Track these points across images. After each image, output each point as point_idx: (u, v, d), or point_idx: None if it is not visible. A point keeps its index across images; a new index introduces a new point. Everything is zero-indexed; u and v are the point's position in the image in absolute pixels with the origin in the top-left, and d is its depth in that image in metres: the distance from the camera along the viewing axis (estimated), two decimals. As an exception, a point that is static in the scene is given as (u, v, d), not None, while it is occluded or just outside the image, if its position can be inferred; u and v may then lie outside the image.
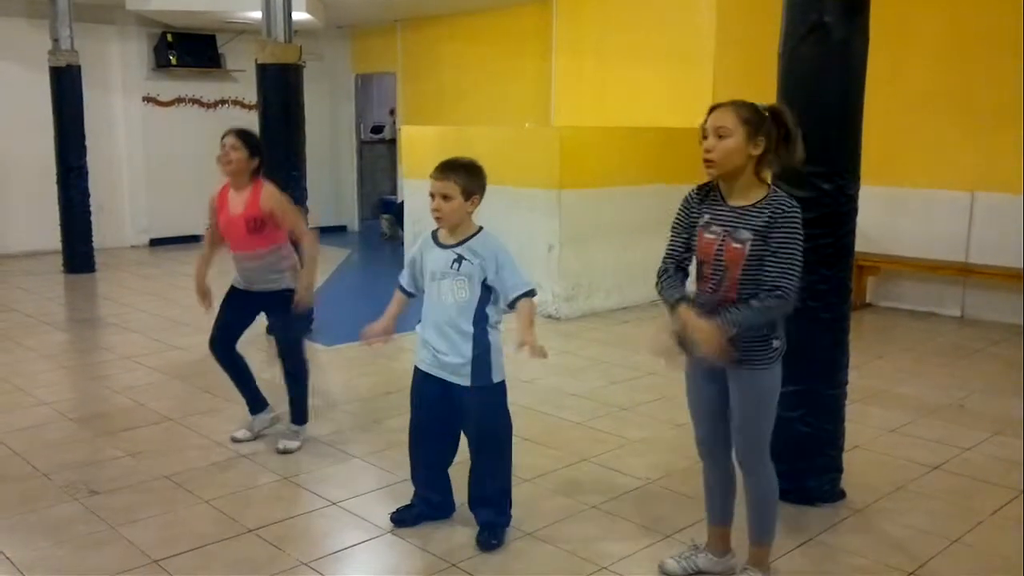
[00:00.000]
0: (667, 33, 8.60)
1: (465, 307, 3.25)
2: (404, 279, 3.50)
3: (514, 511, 3.55)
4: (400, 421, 4.77)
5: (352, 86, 13.18)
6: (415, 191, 8.71)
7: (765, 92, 4.15)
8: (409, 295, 3.52)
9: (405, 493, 3.83)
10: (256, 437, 4.45)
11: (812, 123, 3.53)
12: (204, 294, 4.42)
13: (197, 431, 4.62)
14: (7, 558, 3.24)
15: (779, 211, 2.67)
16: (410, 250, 3.44)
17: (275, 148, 6.60)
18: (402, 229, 9.10)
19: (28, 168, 10.32)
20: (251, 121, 7.56)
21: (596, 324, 7.19)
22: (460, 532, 3.46)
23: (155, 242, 11.44)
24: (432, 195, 3.23)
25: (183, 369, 5.75)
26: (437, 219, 3.25)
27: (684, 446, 4.45)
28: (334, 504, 3.73)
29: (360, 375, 5.76)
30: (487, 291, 3.27)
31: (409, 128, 9.67)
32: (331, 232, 12.53)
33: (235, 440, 4.43)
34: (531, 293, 3.31)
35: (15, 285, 8.76)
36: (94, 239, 9.65)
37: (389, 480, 3.97)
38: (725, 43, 8.17)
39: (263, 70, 6.60)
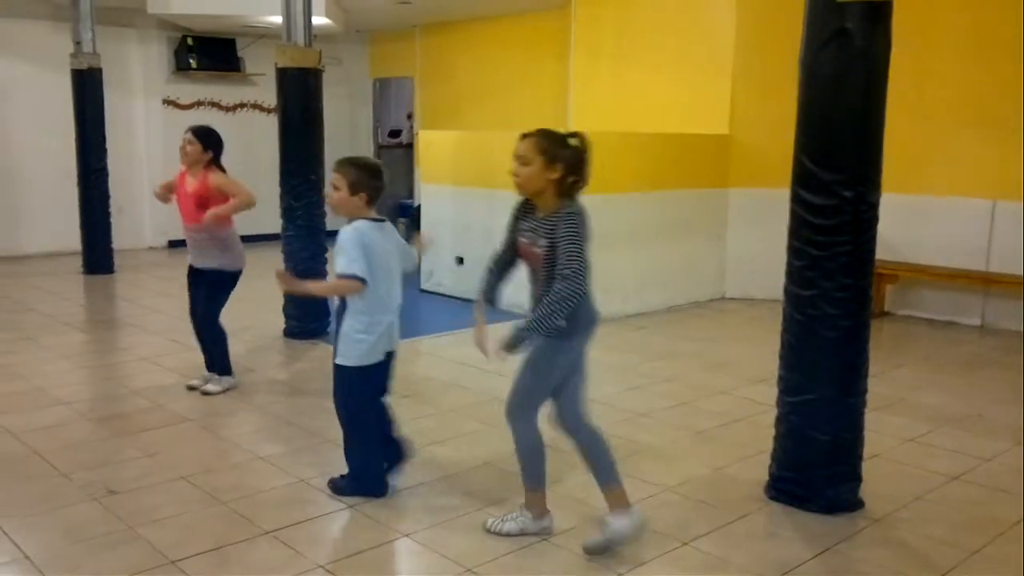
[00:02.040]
0: (685, 39, 8.59)
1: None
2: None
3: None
4: (416, 425, 4.79)
5: (370, 90, 13.24)
6: (432, 195, 8.73)
7: (785, 98, 4.14)
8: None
9: (422, 497, 3.85)
10: (206, 383, 5.30)
11: (833, 130, 3.54)
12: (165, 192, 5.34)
13: (214, 432, 4.64)
14: (26, 556, 3.26)
15: (562, 219, 3.10)
16: None
17: (294, 152, 6.66)
18: (418, 232, 9.11)
19: (49, 170, 10.41)
20: (270, 125, 7.61)
21: (612, 330, 7.17)
22: (477, 537, 3.46)
23: (173, 243, 11.50)
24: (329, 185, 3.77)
25: (200, 370, 5.75)
26: (329, 206, 3.88)
27: (701, 453, 4.45)
28: (351, 507, 3.73)
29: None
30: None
31: (426, 133, 9.69)
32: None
33: (190, 388, 5.28)
34: (343, 275, 3.57)
35: (35, 285, 8.83)
36: (113, 240, 9.73)
37: (405, 483, 3.98)
38: (744, 49, 8.15)
39: (283, 74, 6.63)
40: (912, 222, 7.53)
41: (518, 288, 3.43)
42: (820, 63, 3.50)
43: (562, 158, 3.13)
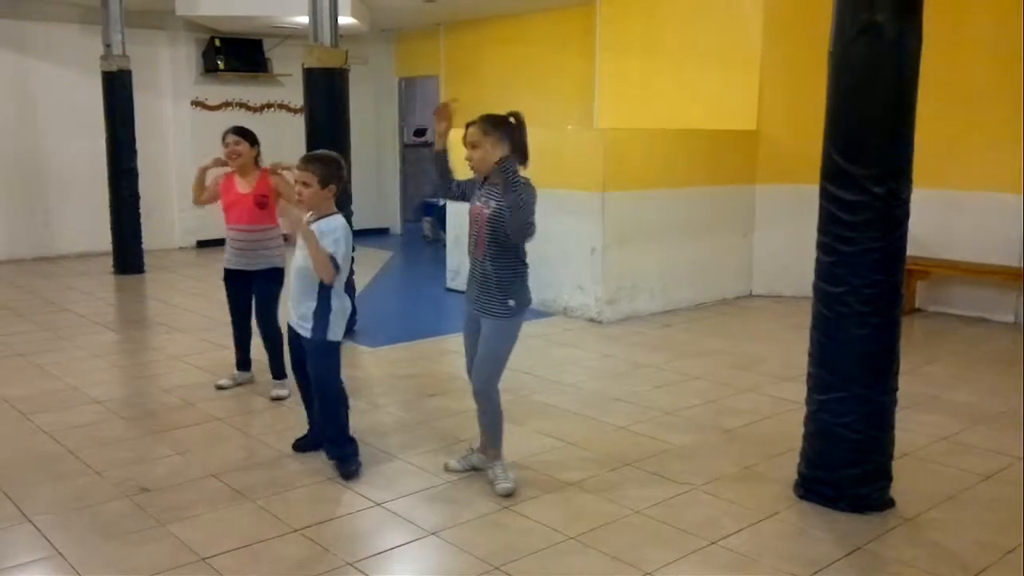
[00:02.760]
0: (712, 34, 8.53)
1: (304, 272, 3.91)
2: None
3: (557, 515, 3.55)
4: (444, 423, 4.81)
5: (396, 89, 13.27)
6: (458, 194, 8.71)
7: (814, 93, 4.11)
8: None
9: (449, 496, 3.86)
10: (236, 385, 5.35)
11: (863, 124, 3.50)
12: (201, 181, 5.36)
13: (244, 431, 4.68)
14: (59, 553, 3.30)
15: (506, 181, 3.59)
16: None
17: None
18: (444, 232, 9.14)
19: (80, 171, 10.55)
20: (297, 125, 7.66)
21: (640, 327, 7.15)
22: (502, 535, 3.46)
23: (202, 244, 11.62)
24: (296, 182, 3.93)
25: (230, 369, 5.81)
26: (299, 203, 3.97)
27: (730, 451, 4.42)
28: (378, 505, 3.75)
29: (403, 377, 5.79)
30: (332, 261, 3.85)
31: (452, 131, 9.69)
32: (374, 234, 12.63)
33: (219, 387, 5.29)
34: (333, 257, 3.86)
35: (68, 285, 8.95)
36: (143, 240, 9.84)
37: (433, 482, 3.99)
38: (772, 43, 8.08)
39: (309, 74, 6.67)
40: (944, 217, 7.43)
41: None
42: (850, 57, 3.46)
43: (508, 136, 3.63)
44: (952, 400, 5.26)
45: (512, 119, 3.67)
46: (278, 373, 5.24)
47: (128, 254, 9.70)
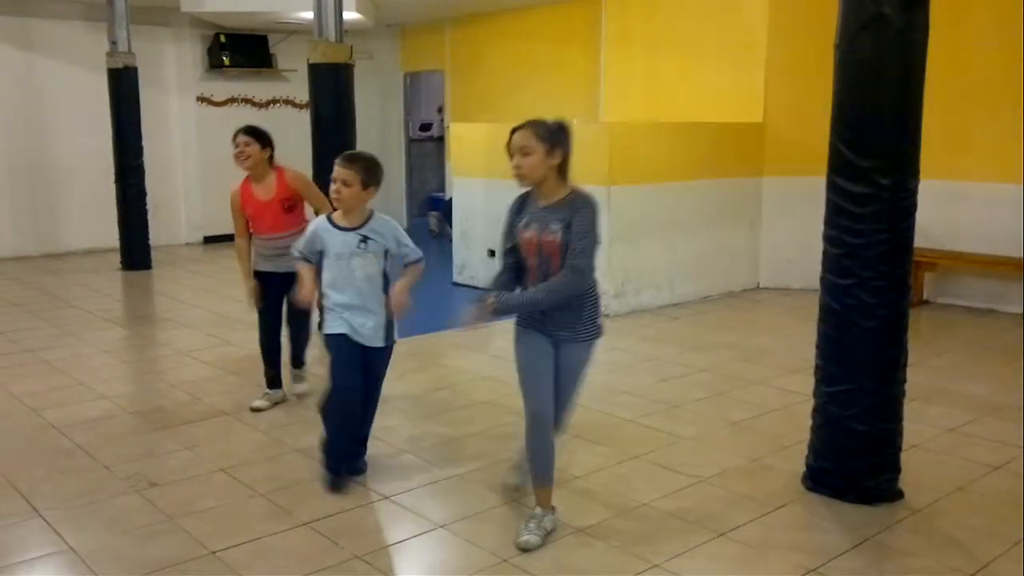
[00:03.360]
0: (718, 26, 8.51)
1: (376, 278, 3.75)
2: (302, 253, 3.85)
3: (566, 508, 3.56)
4: (451, 417, 4.82)
5: (401, 84, 13.27)
6: (464, 188, 8.74)
7: (820, 85, 4.10)
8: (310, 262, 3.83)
9: (457, 489, 3.87)
10: (274, 405, 4.95)
11: (870, 117, 3.49)
12: (256, 291, 4.82)
13: (252, 425, 4.69)
14: (70, 547, 3.32)
15: (577, 208, 3.16)
16: (307, 237, 3.87)
17: (326, 147, 6.68)
18: (450, 226, 9.14)
19: (87, 167, 10.57)
20: (303, 120, 7.67)
21: (646, 321, 7.15)
22: (510, 528, 3.47)
23: (208, 239, 11.64)
24: (333, 180, 3.68)
25: (237, 364, 5.84)
26: (337, 201, 3.71)
27: (737, 444, 4.42)
28: (387, 498, 3.76)
29: (411, 371, 5.79)
30: (387, 262, 3.81)
31: (457, 126, 9.70)
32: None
33: (255, 410, 4.87)
34: (421, 259, 3.90)
35: (76, 282, 8.98)
36: (150, 237, 9.86)
37: (441, 475, 4.00)
38: (778, 36, 8.06)
39: (314, 70, 6.67)
40: (951, 209, 7.40)
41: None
42: (856, 49, 3.45)
43: (561, 143, 3.21)
44: (960, 391, 5.25)
45: (564, 126, 3.30)
46: (298, 360, 5.11)
47: (135, 250, 9.72)
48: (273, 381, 5.00)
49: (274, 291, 4.76)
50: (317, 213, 4.60)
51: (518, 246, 3.31)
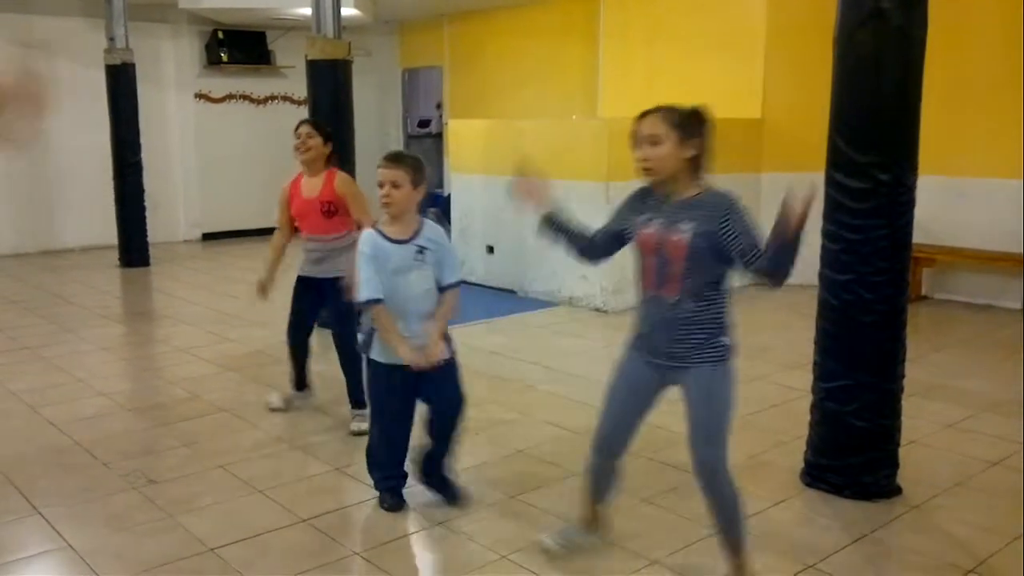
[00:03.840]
0: (716, 21, 8.50)
1: (432, 294, 3.42)
2: (374, 289, 3.32)
3: (564, 504, 3.55)
4: (449, 413, 4.80)
5: (399, 80, 13.27)
6: (462, 185, 8.73)
7: (819, 80, 4.09)
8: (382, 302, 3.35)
9: (458, 485, 3.86)
10: (287, 408, 4.77)
11: (869, 112, 3.49)
12: (266, 286, 4.63)
13: (251, 422, 4.69)
14: (68, 544, 3.32)
15: (719, 203, 2.73)
16: (367, 260, 3.37)
17: (325, 143, 6.68)
18: (449, 222, 9.13)
19: (85, 164, 10.56)
20: (300, 116, 7.66)
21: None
22: (510, 524, 3.47)
23: (207, 236, 11.63)
24: (381, 184, 3.35)
25: (236, 361, 5.84)
26: (387, 206, 3.36)
27: (736, 440, 4.38)
28: (385, 495, 3.76)
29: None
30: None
31: (456, 122, 9.69)
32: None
33: (272, 408, 4.76)
34: (458, 284, 3.51)
35: (74, 279, 8.97)
36: (148, 234, 9.85)
37: (439, 472, 4.00)
38: (776, 31, 8.05)
39: (312, 66, 6.66)
40: (950, 204, 7.40)
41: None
42: (855, 44, 3.45)
43: (697, 134, 2.76)
44: (959, 387, 5.25)
45: (701, 113, 2.82)
46: (359, 401, 4.52)
47: (133, 247, 9.71)
48: (297, 383, 4.84)
49: (314, 295, 4.55)
50: (359, 226, 4.35)
51: (620, 233, 2.95)
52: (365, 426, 4.42)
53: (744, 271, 2.72)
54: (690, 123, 2.75)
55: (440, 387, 3.49)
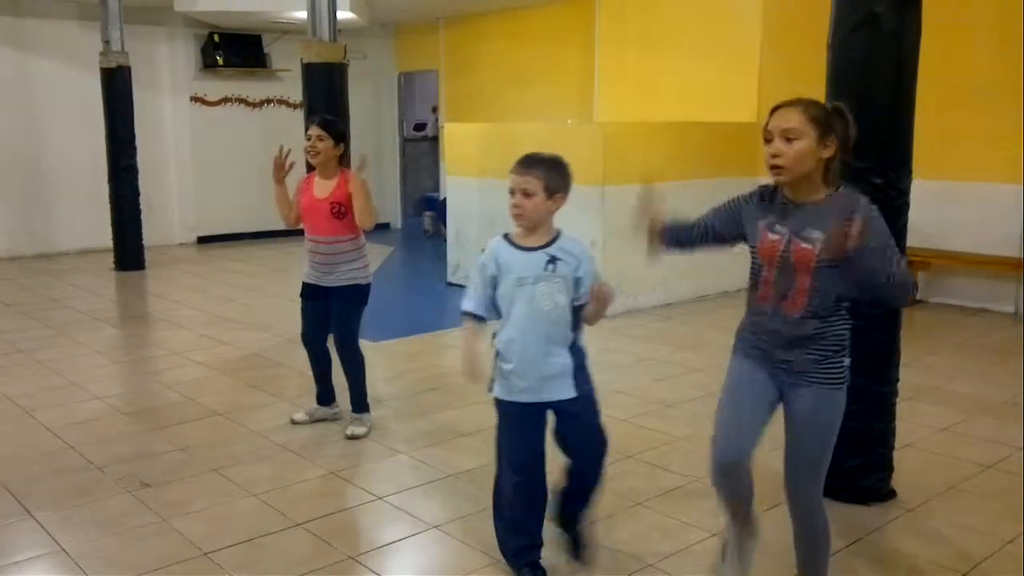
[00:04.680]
0: (711, 26, 8.52)
1: (562, 311, 2.98)
2: (476, 303, 3.03)
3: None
4: (445, 416, 4.81)
5: (395, 84, 13.27)
6: (458, 188, 8.73)
7: (813, 85, 4.09)
8: (482, 320, 3.05)
9: (450, 489, 3.86)
10: (313, 421, 4.65)
11: (863, 116, 3.44)
12: (277, 160, 4.49)
13: (246, 426, 4.68)
14: (62, 548, 3.31)
15: (848, 207, 2.41)
16: (478, 268, 3.05)
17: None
18: (444, 226, 9.14)
19: (80, 167, 10.54)
20: (296, 120, 7.66)
21: (640, 320, 7.16)
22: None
23: (202, 240, 11.62)
24: (512, 191, 2.96)
25: (231, 365, 5.83)
26: (517, 216, 2.97)
27: (730, 444, 4.41)
28: (380, 499, 3.76)
29: (405, 371, 5.79)
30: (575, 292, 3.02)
31: (452, 125, 9.70)
32: (374, 229, 12.56)
33: (294, 422, 4.64)
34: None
35: (69, 282, 8.96)
36: (143, 237, 9.84)
37: (434, 476, 4.00)
38: (771, 35, 8.08)
39: (308, 69, 6.66)
40: (944, 208, 7.42)
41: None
42: (849, 48, 3.46)
43: (837, 131, 2.47)
44: (953, 391, 5.26)
45: (843, 111, 2.53)
46: (359, 404, 4.59)
47: (129, 250, 9.69)
48: (320, 396, 4.74)
49: (321, 301, 4.49)
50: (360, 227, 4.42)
51: (723, 235, 2.74)
52: (361, 431, 4.49)
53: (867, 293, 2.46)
54: (830, 120, 2.47)
55: (573, 427, 3.07)
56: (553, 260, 2.97)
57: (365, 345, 6.37)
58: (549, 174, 2.95)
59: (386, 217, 13.39)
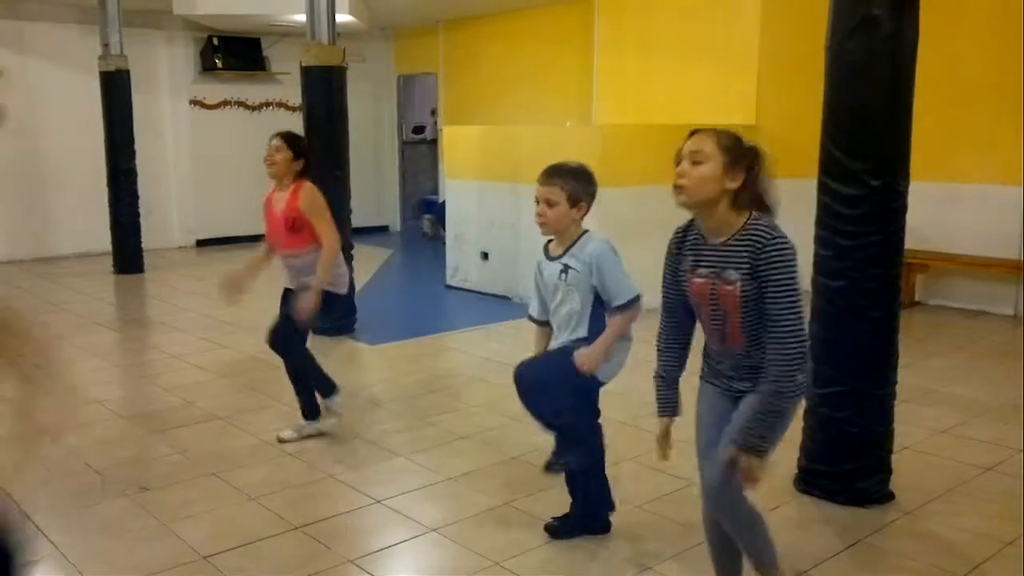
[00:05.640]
0: (710, 28, 8.52)
1: (577, 318, 3.14)
2: (533, 308, 3.36)
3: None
4: (444, 420, 4.81)
5: (394, 87, 13.28)
6: (457, 191, 8.74)
7: (811, 87, 4.11)
8: (542, 323, 3.32)
9: (449, 492, 3.86)
10: (302, 438, 4.49)
11: (861, 118, 3.51)
12: (233, 286, 4.45)
13: (244, 429, 4.68)
14: (61, 553, 3.31)
15: (759, 243, 2.37)
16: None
17: (319, 149, 6.66)
18: (444, 229, 9.14)
19: (79, 171, 10.55)
20: (295, 123, 7.67)
21: (638, 323, 7.13)
22: (503, 531, 3.46)
23: (201, 243, 11.62)
24: (537, 201, 3.12)
25: (230, 368, 5.83)
26: (541, 225, 3.12)
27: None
28: (379, 502, 3.76)
29: (404, 374, 5.79)
30: (599, 299, 3.15)
31: (451, 128, 9.70)
32: (373, 232, 12.64)
33: (281, 440, 4.48)
34: (627, 306, 3.18)
35: (67, 286, 8.95)
36: (142, 240, 9.84)
37: (433, 479, 4.00)
38: (769, 38, 8.08)
39: (307, 72, 6.66)
40: (943, 210, 7.42)
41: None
42: (847, 50, 3.46)
43: (745, 166, 2.44)
44: (952, 393, 5.26)
45: (754, 146, 2.51)
46: (306, 411, 4.53)
47: (128, 254, 9.70)
48: (304, 410, 4.55)
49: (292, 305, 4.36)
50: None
51: (684, 292, 2.64)
52: (288, 435, 4.44)
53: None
54: (741, 151, 2.45)
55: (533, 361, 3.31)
56: (566, 270, 3.11)
57: (363, 348, 6.41)
58: (573, 184, 3.08)
59: (385, 220, 13.40)
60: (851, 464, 3.66)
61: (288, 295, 4.46)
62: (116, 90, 9.42)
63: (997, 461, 4.18)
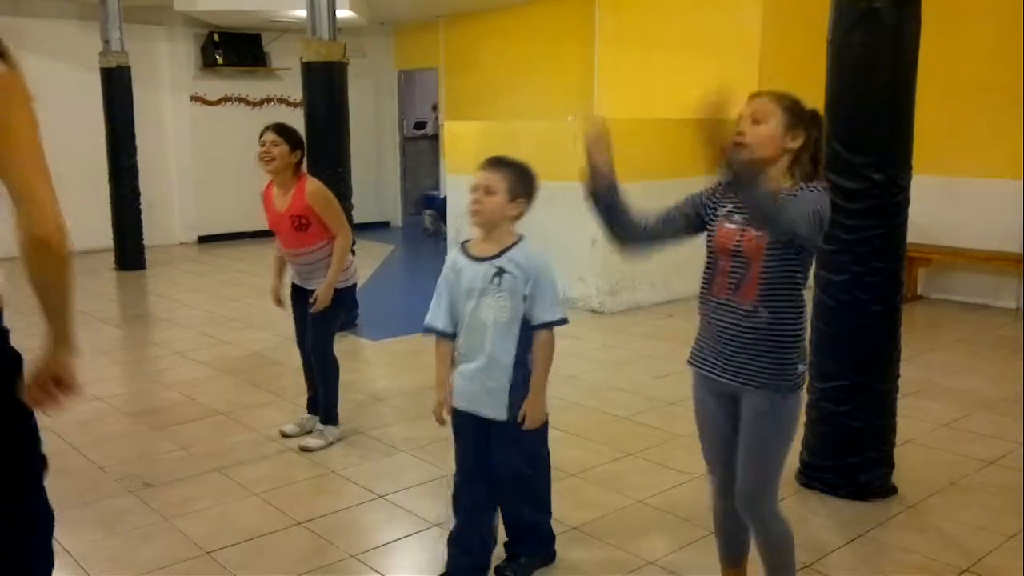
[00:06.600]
0: (712, 22, 8.51)
1: (507, 328, 2.86)
2: (438, 318, 2.94)
3: (561, 505, 3.54)
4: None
5: (395, 82, 13.26)
6: (459, 187, 8.72)
7: (813, 81, 4.09)
8: (449, 336, 2.94)
9: (451, 489, 3.85)
10: (304, 433, 4.46)
11: (863, 112, 3.50)
12: (277, 297, 4.47)
13: (247, 425, 4.69)
14: (64, 548, 3.31)
15: (805, 191, 2.37)
16: (440, 279, 2.97)
17: (320, 145, 6.68)
18: (445, 225, 9.14)
19: (80, 167, 10.50)
20: (296, 118, 7.67)
21: (640, 318, 7.15)
22: (503, 527, 3.46)
23: (203, 239, 11.62)
24: (474, 188, 2.86)
25: (232, 364, 5.83)
26: (474, 214, 2.86)
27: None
28: (381, 497, 3.76)
29: (405, 370, 5.79)
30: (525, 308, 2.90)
31: (452, 123, 9.69)
32: (374, 228, 12.63)
33: (284, 435, 4.47)
34: (554, 324, 2.95)
35: (69, 282, 8.95)
36: (144, 237, 9.84)
37: (435, 473, 4.00)
38: (771, 31, 8.07)
39: (308, 68, 6.66)
40: (945, 204, 7.41)
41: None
42: (849, 44, 3.46)
43: (806, 127, 2.43)
44: (954, 387, 5.26)
45: (817, 113, 2.51)
46: (325, 415, 4.39)
47: (129, 250, 9.70)
48: (311, 404, 4.55)
49: (302, 309, 4.34)
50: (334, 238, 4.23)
51: (690, 216, 2.66)
52: (316, 444, 4.29)
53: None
54: (803, 113, 2.43)
55: (502, 448, 2.96)
56: (500, 273, 2.83)
57: (365, 344, 6.41)
58: (515, 177, 2.86)
59: (386, 216, 13.38)
60: (853, 458, 3.66)
61: (299, 293, 4.39)
62: (117, 86, 9.41)
63: (999, 455, 4.18)
